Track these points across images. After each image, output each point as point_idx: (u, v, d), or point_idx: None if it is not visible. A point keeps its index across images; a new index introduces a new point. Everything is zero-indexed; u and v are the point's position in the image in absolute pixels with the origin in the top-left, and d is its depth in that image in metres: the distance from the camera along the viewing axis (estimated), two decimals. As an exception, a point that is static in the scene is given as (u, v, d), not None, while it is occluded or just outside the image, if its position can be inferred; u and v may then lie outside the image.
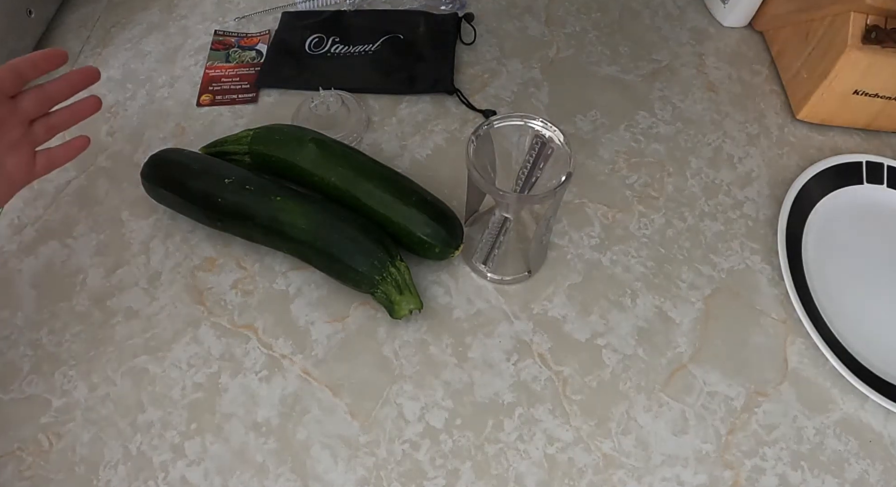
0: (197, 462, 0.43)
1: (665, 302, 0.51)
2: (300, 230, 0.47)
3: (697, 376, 0.48)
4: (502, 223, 0.48)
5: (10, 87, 0.42)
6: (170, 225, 0.54)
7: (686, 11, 0.72)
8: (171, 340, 0.48)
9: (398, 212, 0.49)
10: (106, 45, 0.67)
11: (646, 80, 0.65)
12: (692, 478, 0.43)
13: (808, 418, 0.46)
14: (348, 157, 0.51)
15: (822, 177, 0.56)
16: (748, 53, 0.68)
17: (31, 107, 0.44)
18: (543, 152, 0.44)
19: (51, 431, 0.44)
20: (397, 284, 0.47)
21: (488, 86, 0.64)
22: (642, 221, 0.55)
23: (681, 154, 0.60)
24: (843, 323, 0.49)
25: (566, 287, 0.51)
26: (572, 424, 0.45)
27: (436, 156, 0.59)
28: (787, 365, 0.48)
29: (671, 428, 0.45)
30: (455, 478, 0.43)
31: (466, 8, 0.70)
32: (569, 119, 0.62)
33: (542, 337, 0.49)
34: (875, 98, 0.57)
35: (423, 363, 0.47)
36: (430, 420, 0.45)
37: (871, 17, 0.54)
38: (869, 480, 0.44)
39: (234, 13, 0.70)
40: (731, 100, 0.64)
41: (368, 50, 0.65)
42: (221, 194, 0.49)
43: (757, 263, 0.53)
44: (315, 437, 0.44)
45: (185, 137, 0.60)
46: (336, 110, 0.59)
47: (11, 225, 0.54)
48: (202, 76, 0.64)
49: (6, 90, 0.42)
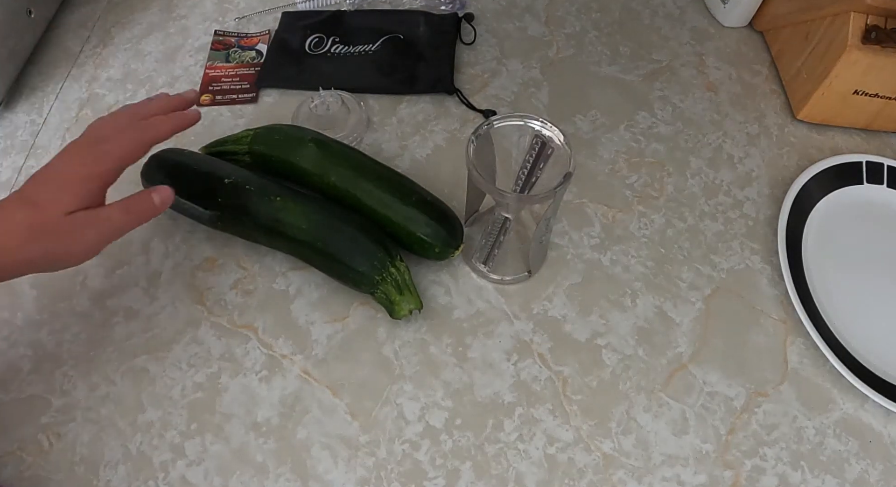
0: (197, 462, 0.43)
1: (665, 302, 0.51)
2: (300, 230, 0.47)
3: (697, 376, 0.48)
4: (502, 223, 0.48)
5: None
6: (170, 225, 0.54)
7: (686, 11, 0.72)
8: (171, 340, 0.48)
9: (398, 212, 0.49)
10: (106, 45, 0.67)
11: (646, 80, 0.65)
12: (692, 478, 0.43)
13: (808, 418, 0.46)
14: (348, 157, 0.51)
15: (822, 177, 0.56)
16: (748, 53, 0.68)
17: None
18: (543, 152, 0.44)
19: (51, 431, 0.44)
20: (397, 284, 0.47)
21: (488, 86, 0.64)
22: (642, 221, 0.55)
23: (681, 154, 0.60)
24: (843, 323, 0.49)
25: (566, 287, 0.51)
26: (572, 424, 0.45)
27: (436, 156, 0.59)
28: (787, 365, 0.48)
29: (671, 428, 0.45)
30: (455, 478, 0.43)
31: (466, 8, 0.70)
32: (569, 119, 0.62)
33: (542, 337, 0.49)
34: (875, 98, 0.57)
35: (423, 363, 0.47)
36: (430, 420, 0.45)
37: (871, 17, 0.54)
38: (869, 480, 0.44)
39: (234, 13, 0.70)
40: (731, 101, 0.64)
41: (368, 50, 0.65)
42: (221, 194, 0.49)
43: (757, 263, 0.53)
44: (315, 437, 0.44)
45: (185, 137, 0.60)
46: (336, 110, 0.59)
47: (11, 225, 0.54)
48: (202, 76, 0.64)
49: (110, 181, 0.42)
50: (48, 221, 0.39)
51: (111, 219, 0.41)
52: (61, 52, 0.67)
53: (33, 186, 0.40)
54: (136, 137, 0.42)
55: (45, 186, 0.40)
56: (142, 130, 0.42)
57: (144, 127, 0.43)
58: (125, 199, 0.42)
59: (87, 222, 0.40)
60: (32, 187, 0.40)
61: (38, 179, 0.40)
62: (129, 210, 0.42)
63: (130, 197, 0.42)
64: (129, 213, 0.42)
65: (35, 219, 0.38)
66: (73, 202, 0.39)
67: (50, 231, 0.39)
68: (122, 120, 0.43)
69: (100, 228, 0.41)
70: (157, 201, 0.43)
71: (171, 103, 0.46)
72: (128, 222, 0.42)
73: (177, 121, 0.45)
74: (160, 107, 0.45)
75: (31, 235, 0.38)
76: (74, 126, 0.61)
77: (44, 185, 0.40)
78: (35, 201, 0.39)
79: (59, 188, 0.40)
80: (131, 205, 0.42)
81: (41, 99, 0.63)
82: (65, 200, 0.39)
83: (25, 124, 0.61)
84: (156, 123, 0.43)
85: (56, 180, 0.40)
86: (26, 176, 0.57)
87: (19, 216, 0.38)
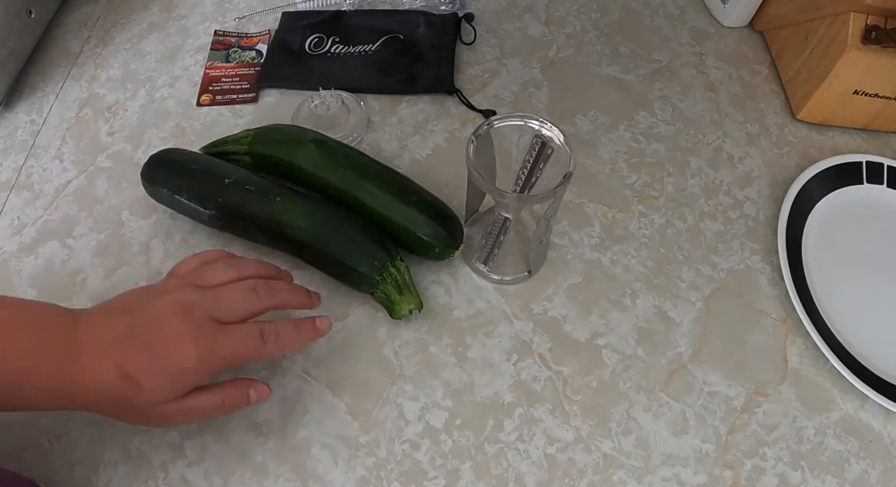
0: (197, 462, 0.43)
1: (665, 302, 0.51)
2: (300, 230, 0.47)
3: (697, 376, 0.48)
4: (502, 223, 0.48)
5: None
6: (170, 225, 0.54)
7: (686, 11, 0.72)
8: (171, 340, 0.48)
9: (398, 212, 0.49)
10: (106, 45, 0.67)
11: (646, 80, 0.65)
12: (692, 478, 0.43)
13: (808, 418, 0.46)
14: (348, 157, 0.51)
15: (822, 177, 0.56)
16: (748, 53, 0.68)
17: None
18: (543, 152, 0.44)
19: (51, 431, 0.44)
20: (397, 284, 0.47)
21: (488, 86, 0.64)
22: (642, 221, 0.55)
23: (681, 154, 0.60)
24: (843, 323, 0.49)
25: (566, 287, 0.51)
26: (572, 424, 0.45)
27: (436, 156, 0.59)
28: (787, 365, 0.48)
29: (671, 428, 0.45)
30: (455, 478, 0.43)
31: (466, 8, 0.70)
32: (569, 119, 0.62)
33: (542, 337, 0.49)
34: (875, 98, 0.57)
35: (423, 363, 0.47)
36: (430, 420, 0.45)
37: (871, 17, 0.54)
38: (869, 480, 0.44)
39: (234, 13, 0.70)
40: (731, 101, 0.64)
41: (368, 50, 0.65)
42: (221, 194, 0.49)
43: (757, 263, 0.53)
44: (315, 437, 0.44)
45: (185, 137, 0.60)
46: (336, 110, 0.59)
47: (11, 225, 0.54)
48: (202, 76, 0.64)
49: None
50: (139, 404, 0.36)
51: (204, 411, 0.38)
52: (61, 52, 0.67)
53: (137, 361, 0.35)
54: (258, 351, 0.38)
55: (151, 370, 0.35)
56: (265, 342, 0.38)
57: (268, 338, 0.38)
58: (222, 389, 0.38)
59: (179, 411, 0.37)
60: (136, 362, 0.35)
61: (142, 351, 0.35)
62: (224, 405, 0.39)
63: (227, 388, 0.39)
64: (223, 408, 0.39)
65: (128, 398, 0.35)
66: (173, 396, 0.36)
67: (138, 410, 0.36)
68: (248, 294, 0.39)
69: (189, 416, 0.39)
70: (253, 398, 0.40)
71: (299, 298, 0.42)
72: (220, 414, 0.40)
73: (301, 336, 0.40)
74: (286, 298, 0.41)
75: (117, 406, 0.36)
76: (74, 126, 0.61)
77: (150, 369, 0.35)
78: (138, 384, 0.35)
79: (166, 380, 0.36)
80: (228, 399, 0.39)
81: (41, 99, 0.63)
82: (167, 394, 0.36)
83: (25, 124, 0.61)
84: (282, 338, 0.39)
85: (165, 368, 0.35)
86: (26, 176, 0.57)
87: (114, 389, 0.35)
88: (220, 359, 0.37)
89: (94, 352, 0.35)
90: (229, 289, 0.39)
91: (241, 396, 0.39)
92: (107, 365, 0.35)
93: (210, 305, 0.37)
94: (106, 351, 0.35)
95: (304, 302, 0.43)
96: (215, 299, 0.38)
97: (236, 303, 0.38)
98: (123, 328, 0.36)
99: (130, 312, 0.37)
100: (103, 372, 0.35)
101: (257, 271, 0.42)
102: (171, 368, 0.36)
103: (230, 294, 0.39)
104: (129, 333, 0.36)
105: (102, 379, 0.35)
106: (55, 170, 0.58)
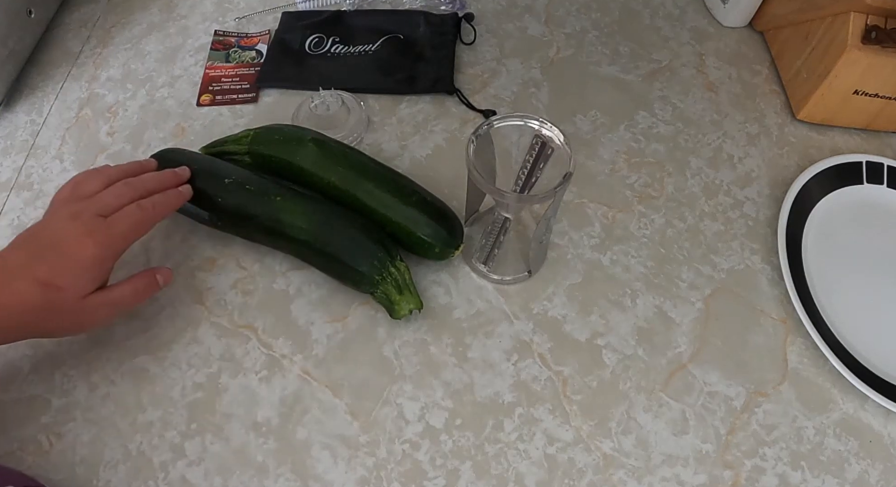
0: (197, 462, 0.43)
1: (665, 302, 0.51)
2: (300, 230, 0.47)
3: (697, 376, 0.48)
4: (502, 223, 0.48)
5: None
6: (170, 225, 0.54)
7: (686, 11, 0.72)
8: (170, 340, 0.48)
9: (398, 212, 0.49)
10: (106, 45, 0.67)
11: (646, 80, 0.65)
12: (692, 478, 0.43)
13: (808, 418, 0.46)
14: (348, 157, 0.51)
15: (822, 177, 0.56)
16: (748, 53, 0.68)
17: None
18: (543, 152, 0.44)
19: (51, 431, 0.44)
20: (397, 284, 0.47)
21: (488, 86, 0.64)
22: (642, 221, 0.55)
23: (681, 154, 0.60)
24: (843, 323, 0.49)
25: (566, 287, 0.51)
26: (572, 424, 0.45)
27: (436, 156, 0.59)
28: (787, 365, 0.48)
29: (671, 428, 0.45)
30: (455, 478, 0.43)
31: (466, 8, 0.70)
32: (569, 119, 0.62)
33: (542, 337, 0.49)
34: (875, 98, 0.57)
35: (423, 363, 0.47)
36: (430, 420, 0.45)
37: (871, 17, 0.54)
38: (869, 480, 0.44)
39: (234, 13, 0.70)
40: (731, 101, 0.64)
41: (368, 50, 0.65)
42: (221, 194, 0.49)
43: (757, 263, 0.53)
44: (315, 437, 0.44)
45: (185, 137, 0.60)
46: (336, 110, 0.59)
47: (11, 225, 0.54)
48: (202, 76, 0.64)
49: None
50: (66, 304, 0.40)
51: (123, 299, 0.43)
52: (61, 52, 0.67)
53: (48, 268, 0.40)
54: (143, 219, 0.44)
55: (63, 270, 0.40)
56: (144, 210, 0.44)
57: (146, 206, 0.44)
58: (133, 279, 0.44)
59: (102, 303, 0.42)
60: (47, 268, 0.40)
61: (49, 259, 0.40)
62: (137, 290, 0.44)
63: (138, 277, 0.45)
64: (138, 294, 0.45)
65: (55, 303, 0.40)
66: (91, 286, 0.41)
67: (67, 311, 0.41)
68: (121, 189, 0.45)
69: (111, 308, 0.43)
70: (161, 282, 0.46)
71: (165, 180, 0.47)
72: (136, 301, 0.45)
73: (173, 200, 0.47)
74: (155, 183, 0.46)
75: (48, 315, 0.40)
76: (74, 126, 0.61)
77: (62, 268, 0.40)
78: (56, 285, 0.40)
79: (79, 273, 0.41)
80: (139, 285, 0.45)
81: (41, 99, 0.63)
82: (84, 285, 0.41)
83: (25, 124, 0.61)
84: (158, 203, 0.45)
85: (74, 263, 0.41)
86: (26, 176, 0.57)
87: (38, 300, 0.39)
88: (118, 239, 0.43)
89: (10, 278, 0.39)
90: (106, 192, 0.44)
91: (151, 281, 0.45)
92: (24, 284, 0.39)
93: (93, 207, 0.43)
94: (20, 273, 0.39)
95: (172, 180, 0.48)
96: (96, 201, 0.43)
97: (115, 198, 0.44)
98: (28, 251, 0.41)
99: (30, 239, 0.42)
100: (23, 290, 0.39)
101: (124, 171, 0.47)
102: (79, 262, 0.41)
103: (107, 194, 0.44)
104: (34, 253, 0.41)
105: (25, 294, 0.39)
106: (55, 170, 0.58)
